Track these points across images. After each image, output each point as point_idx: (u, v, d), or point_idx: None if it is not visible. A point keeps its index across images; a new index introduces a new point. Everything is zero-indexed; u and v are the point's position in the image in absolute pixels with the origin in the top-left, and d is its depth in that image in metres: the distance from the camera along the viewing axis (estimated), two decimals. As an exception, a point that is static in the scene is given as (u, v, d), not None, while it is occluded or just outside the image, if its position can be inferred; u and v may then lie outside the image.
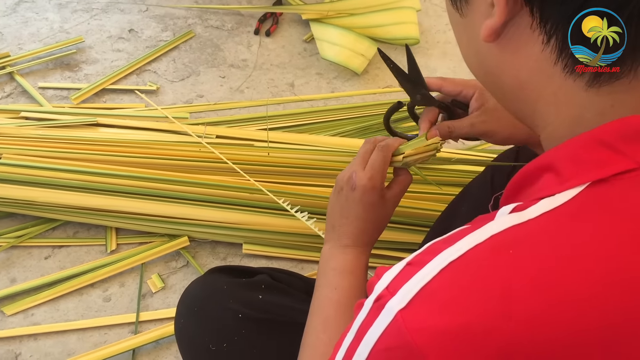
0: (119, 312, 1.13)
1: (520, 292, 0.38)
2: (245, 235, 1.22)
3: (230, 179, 1.25)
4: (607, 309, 0.38)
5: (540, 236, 0.40)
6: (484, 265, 0.39)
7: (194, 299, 0.79)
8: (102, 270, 1.17)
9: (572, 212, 0.40)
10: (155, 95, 1.57)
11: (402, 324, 0.38)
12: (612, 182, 0.41)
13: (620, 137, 0.41)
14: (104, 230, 1.25)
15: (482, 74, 0.52)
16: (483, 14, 0.45)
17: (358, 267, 0.71)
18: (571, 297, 0.38)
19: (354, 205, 0.72)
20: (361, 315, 0.43)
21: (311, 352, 0.65)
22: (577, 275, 0.38)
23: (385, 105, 1.59)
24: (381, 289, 0.41)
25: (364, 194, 0.71)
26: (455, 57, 1.82)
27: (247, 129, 1.45)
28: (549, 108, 0.46)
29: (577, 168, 0.42)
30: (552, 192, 0.42)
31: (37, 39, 1.69)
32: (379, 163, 0.72)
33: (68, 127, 1.36)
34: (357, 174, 0.71)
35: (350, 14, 1.70)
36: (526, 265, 0.39)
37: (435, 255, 0.40)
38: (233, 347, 0.74)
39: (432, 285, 0.39)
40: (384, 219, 0.74)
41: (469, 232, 0.41)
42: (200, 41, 1.75)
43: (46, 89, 1.54)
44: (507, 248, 0.39)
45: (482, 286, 0.38)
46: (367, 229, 0.72)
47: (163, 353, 1.08)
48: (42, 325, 1.10)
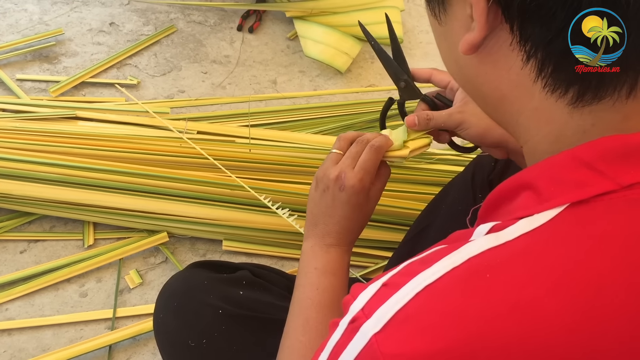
0: (95, 307, 1.12)
1: (498, 319, 0.37)
2: (225, 231, 1.21)
3: (211, 175, 1.24)
4: (588, 337, 0.37)
5: (518, 260, 0.39)
6: (460, 290, 0.38)
7: (173, 293, 0.78)
8: (79, 266, 1.15)
9: (551, 235, 0.39)
10: (136, 89, 1.55)
11: (376, 349, 0.37)
12: (592, 203, 0.40)
13: (601, 157, 0.40)
14: (82, 224, 1.23)
15: (463, 81, 0.51)
16: (462, 24, 0.44)
17: (341, 268, 0.70)
18: (551, 325, 0.37)
19: (341, 206, 0.70)
20: (335, 335, 0.42)
21: (290, 353, 0.64)
22: (556, 303, 0.37)
23: (368, 104, 1.59)
24: (356, 311, 0.40)
25: (352, 195, 0.69)
26: (437, 58, 1.81)
27: (229, 125, 1.44)
28: (530, 122, 0.45)
29: (557, 188, 0.41)
30: (530, 212, 0.41)
31: (16, 30, 1.66)
32: (371, 164, 0.71)
33: (46, 120, 1.34)
34: (347, 175, 0.69)
35: (334, 12, 1.70)
36: (503, 291, 0.38)
37: (412, 278, 0.39)
38: (212, 343, 0.74)
39: (407, 310, 0.38)
40: (368, 216, 0.74)
41: (446, 254, 0.40)
42: (182, 36, 1.74)
43: (24, 81, 1.52)
44: (484, 272, 0.38)
45: (458, 312, 0.37)
46: (352, 228, 0.71)
47: (140, 349, 1.07)
48: (17, 320, 1.08)
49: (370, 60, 1.77)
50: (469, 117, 0.72)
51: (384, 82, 1.70)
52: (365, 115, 1.54)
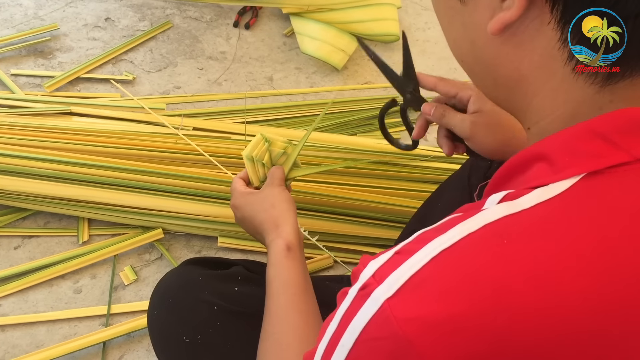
0: (89, 304, 1.11)
1: (515, 284, 0.37)
2: (220, 228, 1.20)
3: (206, 172, 1.24)
4: (603, 304, 0.37)
5: (535, 228, 0.39)
6: (477, 254, 0.38)
7: (168, 289, 0.78)
8: (73, 262, 1.15)
9: (568, 204, 0.40)
10: (132, 85, 1.55)
11: (390, 314, 0.37)
12: (606, 174, 0.40)
13: (616, 130, 0.41)
14: (76, 220, 1.23)
15: (474, 63, 0.50)
16: (489, 3, 0.43)
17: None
18: (567, 291, 0.37)
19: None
20: (345, 303, 0.41)
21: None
22: (573, 270, 0.37)
23: (364, 101, 1.59)
24: (367, 277, 0.40)
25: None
26: (433, 56, 1.83)
27: (225, 121, 1.43)
28: (545, 103, 0.45)
29: (572, 159, 0.41)
30: (545, 182, 0.41)
31: (11, 25, 1.65)
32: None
33: (41, 115, 1.33)
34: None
35: (330, 9, 1.69)
36: (521, 257, 0.38)
37: (426, 244, 0.39)
38: (207, 339, 0.73)
39: (422, 274, 0.38)
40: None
41: (461, 221, 0.40)
42: (178, 32, 1.73)
43: (19, 76, 1.51)
44: (501, 238, 0.38)
45: (475, 277, 0.37)
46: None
47: (134, 346, 1.06)
48: (10, 316, 1.07)
49: (367, 57, 1.76)
50: (479, 130, 0.70)
51: (380, 79, 1.70)
52: (361, 113, 1.53)
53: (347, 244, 1.23)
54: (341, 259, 1.21)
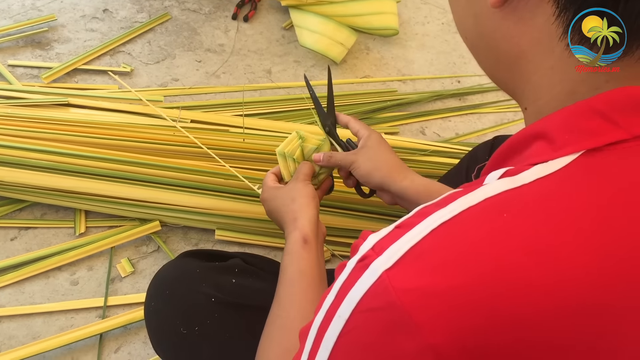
0: (86, 296, 1.11)
1: (515, 258, 0.36)
2: (218, 221, 1.20)
3: (204, 164, 1.23)
4: (603, 278, 0.37)
5: (534, 202, 0.39)
6: (477, 228, 0.38)
7: (165, 281, 0.78)
8: (70, 253, 1.15)
9: (567, 180, 0.40)
10: (129, 77, 1.54)
11: (388, 284, 0.37)
12: (605, 151, 0.41)
13: (615, 108, 0.41)
14: (73, 212, 1.22)
15: (476, 38, 0.51)
16: None
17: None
18: (567, 266, 0.37)
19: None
20: (343, 275, 0.41)
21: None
22: (573, 244, 0.37)
23: (363, 95, 1.59)
24: (366, 250, 0.40)
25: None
26: (432, 50, 1.82)
27: (223, 114, 1.43)
28: (542, 81, 0.46)
29: (571, 136, 0.42)
30: (545, 159, 0.41)
31: (8, 15, 1.64)
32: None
33: (38, 107, 1.33)
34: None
35: (330, 2, 1.69)
36: (521, 231, 0.38)
37: (426, 217, 0.39)
38: (204, 330, 0.73)
39: (421, 246, 0.38)
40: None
41: (461, 195, 0.40)
42: (176, 24, 1.72)
43: (16, 67, 1.50)
44: (501, 212, 0.39)
45: (475, 249, 0.37)
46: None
47: (131, 338, 1.06)
48: (7, 307, 1.07)
49: (366, 51, 1.76)
50: (359, 159, 0.87)
51: (379, 73, 1.70)
52: (359, 107, 1.53)
53: (345, 238, 1.23)
54: (339, 253, 1.21)
